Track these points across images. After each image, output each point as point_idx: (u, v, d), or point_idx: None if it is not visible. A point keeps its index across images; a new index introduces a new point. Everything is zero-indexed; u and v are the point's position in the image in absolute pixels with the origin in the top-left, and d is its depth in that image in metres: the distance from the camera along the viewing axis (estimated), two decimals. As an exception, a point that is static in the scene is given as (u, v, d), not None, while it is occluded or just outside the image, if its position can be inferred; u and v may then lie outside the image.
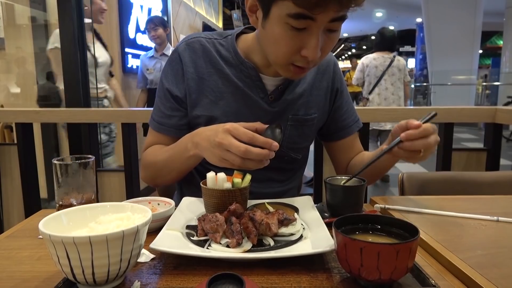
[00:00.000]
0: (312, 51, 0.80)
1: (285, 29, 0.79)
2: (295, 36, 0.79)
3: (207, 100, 0.98)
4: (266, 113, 1.00)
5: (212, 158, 0.80)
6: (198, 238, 0.71)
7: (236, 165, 0.75)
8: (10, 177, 2.04)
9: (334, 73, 1.08)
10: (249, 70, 0.97)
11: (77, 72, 2.37)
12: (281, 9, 0.77)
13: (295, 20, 0.76)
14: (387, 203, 0.94)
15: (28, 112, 1.90)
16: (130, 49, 3.73)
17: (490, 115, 1.83)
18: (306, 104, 1.03)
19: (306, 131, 1.05)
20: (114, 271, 0.56)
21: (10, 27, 3.63)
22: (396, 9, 14.87)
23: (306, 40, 0.80)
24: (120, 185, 1.98)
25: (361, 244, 0.54)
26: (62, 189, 0.80)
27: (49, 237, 0.53)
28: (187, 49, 0.99)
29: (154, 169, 1.01)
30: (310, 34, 0.79)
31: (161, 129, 1.02)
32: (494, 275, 0.59)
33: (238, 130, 0.75)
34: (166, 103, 1.01)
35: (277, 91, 1.00)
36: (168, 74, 1.01)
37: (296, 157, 1.07)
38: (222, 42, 1.01)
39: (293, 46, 0.81)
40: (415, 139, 0.79)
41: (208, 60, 0.99)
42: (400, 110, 1.85)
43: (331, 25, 0.79)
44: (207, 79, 0.98)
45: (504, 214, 0.84)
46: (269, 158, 0.75)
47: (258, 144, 0.74)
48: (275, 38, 0.82)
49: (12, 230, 0.84)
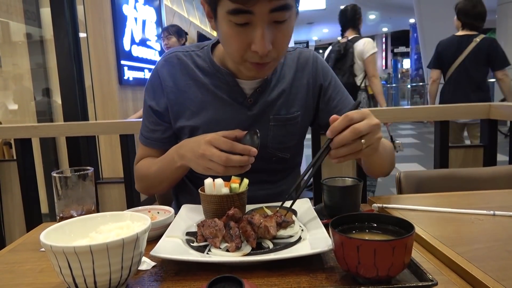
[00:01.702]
0: (259, 45, 0.80)
1: (230, 26, 0.81)
2: (241, 33, 0.81)
3: (189, 112, 1.02)
4: (247, 117, 1.01)
5: (197, 168, 0.86)
6: (198, 244, 0.72)
7: (220, 172, 0.80)
8: (10, 193, 2.05)
9: (315, 69, 1.08)
10: (225, 76, 0.99)
11: (74, 86, 2.39)
12: (223, 8, 0.80)
13: (234, 16, 0.79)
14: (385, 202, 0.95)
15: (27, 128, 1.91)
16: (126, 61, 3.75)
17: (485, 112, 1.84)
18: (287, 103, 1.04)
19: (291, 130, 1.05)
20: (115, 279, 0.57)
21: (6, 44, 3.66)
22: (389, 10, 14.98)
23: (252, 35, 0.81)
24: (120, 196, 1.99)
25: (358, 242, 0.55)
26: (62, 202, 0.81)
27: (50, 247, 0.54)
28: (165, 65, 1.04)
29: (146, 181, 1.06)
30: (254, 28, 0.80)
31: (148, 143, 1.07)
32: (491, 267, 0.60)
33: (218, 140, 0.81)
34: (150, 118, 1.06)
35: (256, 94, 1.01)
36: (149, 91, 1.06)
37: (284, 156, 1.07)
38: (199, 53, 1.04)
39: (242, 43, 0.83)
40: (341, 131, 0.74)
41: (186, 73, 1.02)
42: (396, 110, 1.87)
43: (274, 16, 0.79)
44: (187, 91, 1.02)
45: (500, 208, 0.85)
46: (250, 163, 0.80)
47: (238, 152, 0.79)
48: (225, 37, 0.85)
49: (14, 244, 0.85)
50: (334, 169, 1.92)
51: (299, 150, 1.14)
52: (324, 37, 23.62)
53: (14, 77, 3.75)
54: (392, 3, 13.89)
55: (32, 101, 3.61)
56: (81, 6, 3.34)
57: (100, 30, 3.53)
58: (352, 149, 0.75)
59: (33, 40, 3.62)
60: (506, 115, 1.76)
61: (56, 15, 2.42)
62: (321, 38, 23.74)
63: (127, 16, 3.85)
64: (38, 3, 3.58)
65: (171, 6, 5.67)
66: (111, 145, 3.48)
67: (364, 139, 0.74)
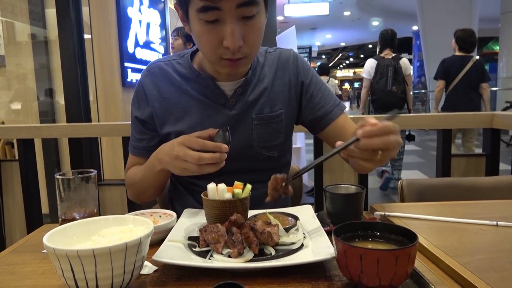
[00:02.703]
0: (229, 40, 0.84)
1: (201, 25, 0.85)
2: (212, 30, 0.85)
3: (173, 118, 1.05)
4: (230, 117, 1.03)
5: (174, 169, 0.88)
6: (200, 249, 0.72)
7: (195, 172, 0.83)
8: (12, 193, 2.05)
9: (295, 67, 1.10)
10: (205, 80, 1.03)
11: (77, 87, 2.40)
12: (193, 7, 0.84)
13: (203, 13, 0.83)
14: (387, 210, 0.95)
15: (30, 128, 1.92)
16: (129, 64, 3.76)
17: (488, 121, 1.84)
18: (269, 102, 1.06)
19: (275, 128, 1.07)
20: (117, 283, 0.57)
21: (11, 44, 3.67)
22: (392, 17, 15.03)
23: (222, 31, 0.85)
24: (121, 198, 1.99)
25: (361, 251, 0.55)
26: (65, 204, 0.81)
27: (53, 250, 0.54)
28: (148, 75, 1.08)
29: (135, 188, 1.10)
30: (223, 24, 0.84)
31: (136, 152, 1.11)
32: (493, 279, 0.59)
33: (190, 141, 0.84)
34: (136, 128, 1.10)
35: (237, 94, 1.03)
36: (134, 102, 1.10)
37: (272, 155, 1.08)
38: (180, 61, 1.08)
39: (214, 40, 0.86)
40: (373, 136, 0.71)
41: (168, 81, 1.06)
42: (398, 118, 1.87)
43: (242, 11, 0.83)
44: (170, 99, 1.05)
45: (503, 219, 0.85)
46: (223, 159, 0.83)
47: (209, 149, 0.82)
48: (198, 36, 0.89)
49: (16, 246, 0.85)
50: (335, 176, 1.92)
51: (287, 148, 1.15)
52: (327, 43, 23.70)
53: (17, 77, 3.76)
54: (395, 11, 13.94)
55: (35, 101, 3.62)
56: (87, 8, 3.36)
57: (105, 32, 3.54)
58: (367, 157, 0.74)
59: (38, 40, 3.63)
60: (510, 124, 1.76)
61: (62, 16, 2.43)
62: (324, 43, 23.81)
63: (132, 19, 3.87)
64: (43, 4, 3.60)
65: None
66: (113, 146, 3.48)
67: (381, 153, 0.74)
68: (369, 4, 13.75)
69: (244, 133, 1.04)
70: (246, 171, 0.89)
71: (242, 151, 1.04)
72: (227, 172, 0.90)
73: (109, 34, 3.54)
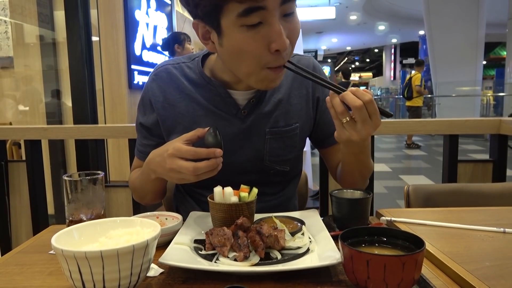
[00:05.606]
0: (280, 41, 0.76)
1: (243, 31, 0.76)
2: (256, 34, 0.76)
3: (181, 127, 0.99)
4: (241, 130, 0.98)
5: (171, 180, 0.85)
6: (206, 252, 0.72)
7: (193, 181, 0.80)
8: (18, 194, 2.06)
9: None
10: (217, 88, 0.97)
11: (85, 89, 2.41)
12: (229, 16, 0.75)
13: (247, 17, 0.74)
14: (393, 215, 0.94)
15: (37, 129, 1.93)
16: (136, 66, 3.78)
17: (495, 127, 1.83)
18: (285, 115, 1.00)
19: (289, 143, 1.02)
20: (124, 285, 0.57)
21: (19, 45, 3.71)
22: (399, 22, 15.02)
23: (269, 33, 0.76)
24: (127, 200, 2.00)
25: (368, 256, 0.55)
26: (72, 205, 0.81)
27: (61, 252, 0.54)
28: (155, 80, 1.02)
29: (136, 192, 1.08)
30: (269, 25, 0.75)
31: (141, 156, 1.08)
32: (501, 286, 0.59)
33: (180, 151, 0.79)
34: (141, 133, 1.08)
35: (250, 105, 0.97)
36: (140, 108, 1.06)
37: (283, 169, 1.04)
38: (190, 64, 1.02)
39: (259, 47, 0.77)
40: (355, 92, 0.76)
41: (176, 87, 1.00)
42: (404, 123, 1.86)
43: (284, 8, 0.76)
44: (178, 106, 1.00)
45: (510, 226, 0.84)
46: (219, 163, 0.79)
47: (203, 157, 0.78)
48: (239, 47, 0.78)
49: (23, 246, 0.86)
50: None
51: (299, 161, 1.11)
52: (333, 47, 23.70)
53: (25, 78, 3.79)
54: (402, 15, 13.91)
55: (42, 102, 3.65)
56: (95, 10, 3.39)
57: (112, 34, 3.57)
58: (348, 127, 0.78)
59: (46, 42, 3.66)
60: (517, 130, 1.75)
61: (70, 19, 2.45)
62: (330, 47, 23.81)
63: (139, 22, 3.90)
64: (52, 6, 3.63)
65: (183, 12, 5.72)
66: (119, 148, 3.50)
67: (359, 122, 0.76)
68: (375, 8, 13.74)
69: (255, 147, 0.99)
70: (255, 184, 0.84)
71: (252, 164, 1.00)
72: (234, 184, 0.84)
73: (116, 36, 3.57)
